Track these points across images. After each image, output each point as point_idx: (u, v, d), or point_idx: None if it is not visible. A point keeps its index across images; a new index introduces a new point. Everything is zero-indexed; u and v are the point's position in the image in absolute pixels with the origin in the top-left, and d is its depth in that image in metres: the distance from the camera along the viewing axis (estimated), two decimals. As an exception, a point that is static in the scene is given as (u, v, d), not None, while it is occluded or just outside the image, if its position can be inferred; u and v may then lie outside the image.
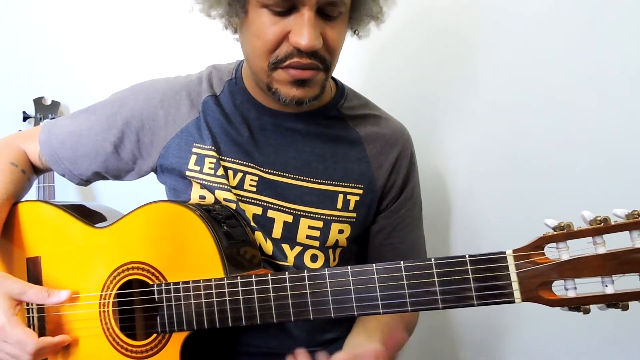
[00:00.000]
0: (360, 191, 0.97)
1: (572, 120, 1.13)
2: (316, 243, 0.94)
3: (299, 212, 0.94)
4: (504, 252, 0.65)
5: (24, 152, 1.04)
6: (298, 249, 0.94)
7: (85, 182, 1.05)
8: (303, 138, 0.97)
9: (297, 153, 0.96)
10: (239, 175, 0.95)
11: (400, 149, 1.01)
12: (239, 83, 0.99)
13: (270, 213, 0.94)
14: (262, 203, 0.94)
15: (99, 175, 1.04)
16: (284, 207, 0.94)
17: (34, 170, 1.06)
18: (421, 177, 1.07)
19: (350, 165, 0.97)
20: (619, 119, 1.09)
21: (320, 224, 0.94)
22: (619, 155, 1.09)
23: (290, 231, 0.94)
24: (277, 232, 0.93)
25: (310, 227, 0.94)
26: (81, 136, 1.00)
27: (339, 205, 0.95)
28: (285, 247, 0.94)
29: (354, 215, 0.96)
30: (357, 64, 1.32)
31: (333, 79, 1.04)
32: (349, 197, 0.96)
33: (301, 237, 0.94)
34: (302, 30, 0.80)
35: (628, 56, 1.07)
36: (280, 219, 0.94)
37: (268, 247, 0.92)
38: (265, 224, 0.93)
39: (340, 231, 0.95)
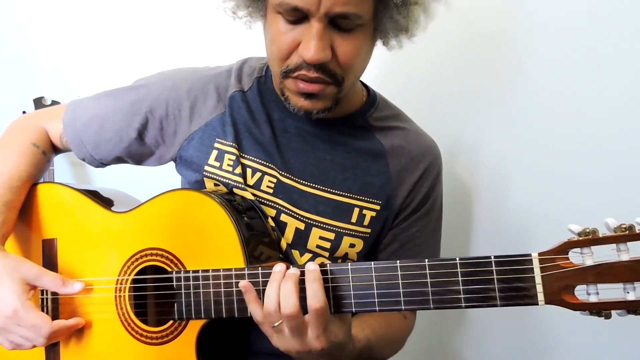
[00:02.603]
0: (378, 207, 0.94)
1: (598, 128, 1.13)
2: (325, 253, 0.93)
3: (312, 222, 0.92)
4: (530, 255, 0.66)
5: (46, 132, 1.03)
6: (308, 255, 0.93)
7: (104, 165, 1.05)
8: (325, 145, 0.95)
9: (316, 160, 0.94)
10: (258, 174, 0.94)
11: (425, 167, 0.97)
12: (268, 82, 0.98)
13: (283, 217, 0.93)
14: (277, 206, 0.93)
15: (120, 160, 1.03)
16: (297, 214, 0.92)
17: (53, 150, 1.05)
18: (444, 179, 1.04)
19: (370, 179, 0.95)
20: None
21: (332, 235, 0.93)
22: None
23: (301, 238, 0.93)
24: (288, 236, 0.92)
25: (321, 238, 0.93)
26: (105, 121, 0.99)
27: (354, 219, 0.93)
28: (295, 252, 0.93)
29: (368, 231, 0.94)
30: (379, 67, 1.31)
31: (366, 87, 1.02)
32: (364, 211, 0.94)
33: (311, 245, 0.93)
34: (309, 43, 0.78)
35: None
36: (292, 225, 0.92)
37: (282, 246, 0.92)
38: (278, 226, 0.93)
39: (352, 245, 0.93)
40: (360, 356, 0.84)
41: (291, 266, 0.75)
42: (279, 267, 0.75)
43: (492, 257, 0.67)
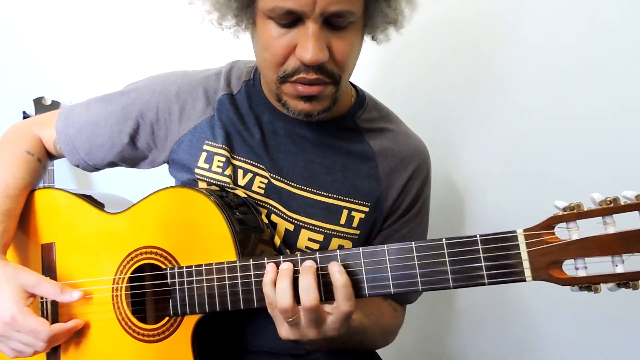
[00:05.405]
0: (367, 209, 0.95)
1: (580, 129, 1.15)
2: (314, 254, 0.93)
3: (301, 223, 0.93)
4: (515, 232, 0.66)
5: (39, 139, 1.04)
6: (298, 255, 0.93)
7: (98, 169, 1.06)
8: (314, 148, 0.95)
9: (305, 163, 0.95)
10: (249, 175, 0.94)
11: (414, 169, 0.98)
12: (256, 85, 0.98)
13: (274, 217, 0.93)
14: (268, 206, 0.93)
15: (113, 164, 1.04)
16: (286, 215, 0.93)
17: (48, 156, 1.06)
18: (434, 177, 1.05)
19: (359, 181, 0.95)
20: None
21: (320, 237, 0.93)
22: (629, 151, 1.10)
23: (290, 238, 0.93)
24: (278, 236, 0.93)
25: (310, 239, 0.93)
26: (98, 126, 1.00)
27: (342, 221, 0.94)
28: (287, 251, 0.93)
29: (357, 232, 0.94)
30: (373, 68, 1.33)
31: (354, 87, 1.02)
32: (353, 213, 0.94)
33: (300, 246, 0.93)
34: (307, 44, 0.78)
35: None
36: (282, 225, 0.93)
37: (275, 243, 0.93)
38: (269, 226, 0.93)
39: (341, 247, 0.94)
40: (354, 337, 0.83)
41: (307, 260, 0.75)
42: (286, 265, 0.75)
43: (478, 235, 0.67)
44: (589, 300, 0.74)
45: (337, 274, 0.72)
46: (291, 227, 0.93)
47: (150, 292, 0.90)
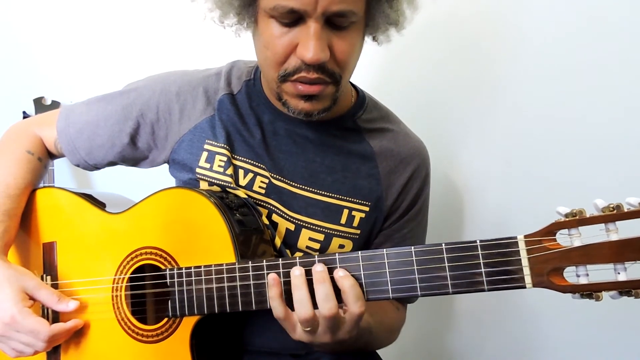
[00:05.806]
0: (367, 208, 0.95)
1: (576, 131, 1.15)
2: (315, 254, 0.92)
3: (302, 223, 0.93)
4: (515, 237, 0.65)
5: (40, 139, 1.04)
6: (299, 254, 0.93)
7: (98, 169, 1.06)
8: (315, 147, 0.95)
9: (306, 162, 0.95)
10: (250, 175, 0.94)
11: (414, 169, 0.98)
12: (257, 85, 0.98)
13: (275, 217, 0.93)
14: (269, 206, 0.93)
15: (114, 163, 1.04)
16: (287, 215, 0.93)
17: (49, 155, 1.06)
18: (434, 177, 1.04)
19: (359, 181, 0.95)
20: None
21: (321, 236, 0.93)
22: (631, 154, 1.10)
23: (291, 238, 0.93)
24: (279, 237, 0.93)
25: (310, 239, 0.93)
26: (98, 126, 1.00)
27: (343, 221, 0.94)
28: (287, 252, 0.93)
29: (358, 232, 0.95)
30: (373, 68, 1.33)
31: (355, 87, 1.02)
32: (354, 213, 0.94)
33: (301, 245, 0.93)
34: (308, 44, 0.78)
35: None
36: (283, 225, 0.93)
37: (276, 244, 0.92)
38: (270, 226, 0.93)
39: (341, 246, 0.94)
40: (362, 338, 0.83)
41: (316, 264, 0.74)
42: (298, 270, 0.74)
43: (478, 241, 0.66)
44: (589, 300, 0.74)
45: (341, 279, 0.72)
46: (292, 227, 0.93)
47: (150, 293, 0.90)
